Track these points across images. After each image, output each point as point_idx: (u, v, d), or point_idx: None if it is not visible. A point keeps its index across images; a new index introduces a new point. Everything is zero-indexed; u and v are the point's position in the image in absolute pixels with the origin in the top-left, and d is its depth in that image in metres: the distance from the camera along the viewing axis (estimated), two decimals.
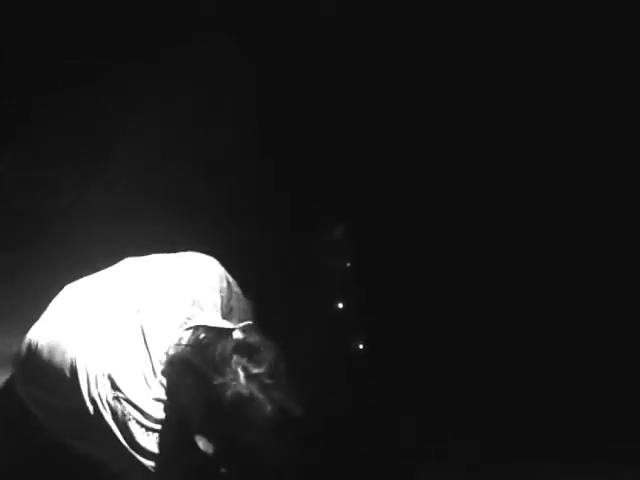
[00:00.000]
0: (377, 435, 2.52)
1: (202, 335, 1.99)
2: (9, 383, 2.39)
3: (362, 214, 2.89)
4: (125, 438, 1.96)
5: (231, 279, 2.25)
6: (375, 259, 2.81)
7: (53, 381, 2.04)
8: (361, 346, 2.61)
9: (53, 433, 2.14)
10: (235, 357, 1.92)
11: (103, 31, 3.05)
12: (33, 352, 2.08)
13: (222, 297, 2.19)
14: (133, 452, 1.96)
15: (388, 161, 2.98)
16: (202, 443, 1.92)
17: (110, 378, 1.98)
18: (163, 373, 1.98)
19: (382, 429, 2.53)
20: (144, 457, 1.96)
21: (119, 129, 3.02)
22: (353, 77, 3.03)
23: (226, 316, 2.16)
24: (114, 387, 1.97)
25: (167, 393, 1.97)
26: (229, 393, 1.88)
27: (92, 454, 2.10)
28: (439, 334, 2.73)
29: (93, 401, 1.97)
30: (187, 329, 2.02)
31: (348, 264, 2.74)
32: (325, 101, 3.04)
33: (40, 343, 2.08)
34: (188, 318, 2.05)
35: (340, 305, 2.66)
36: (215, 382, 1.89)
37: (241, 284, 2.28)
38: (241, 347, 1.94)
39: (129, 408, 1.96)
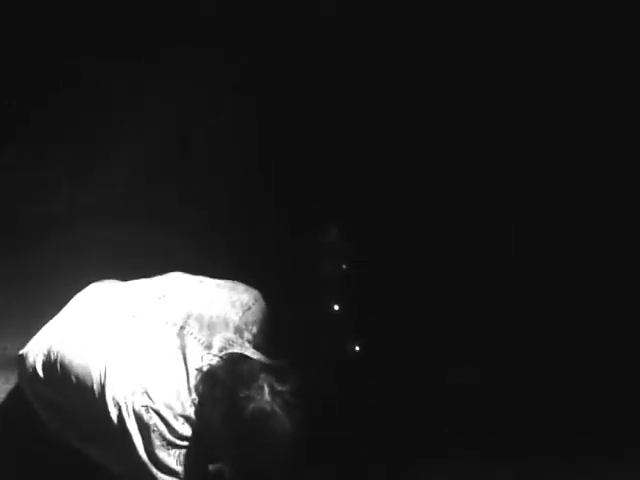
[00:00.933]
0: (376, 434, 2.52)
1: (235, 357, 2.04)
2: (11, 383, 2.40)
3: (359, 215, 2.89)
4: (144, 448, 1.97)
5: (268, 312, 2.28)
6: (371, 260, 2.81)
7: (75, 382, 2.04)
8: (357, 347, 2.62)
9: (56, 434, 2.15)
10: (263, 375, 1.96)
11: (103, 31, 3.06)
12: (55, 352, 2.08)
13: (259, 329, 2.22)
14: (148, 462, 1.97)
15: (384, 162, 2.98)
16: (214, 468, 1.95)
17: (144, 387, 1.99)
18: (196, 389, 2.01)
19: (381, 428, 2.53)
20: (159, 470, 1.98)
21: (118, 129, 3.02)
22: (352, 77, 3.03)
23: (258, 345, 2.19)
24: (147, 397, 1.98)
25: (196, 409, 2.00)
26: (252, 406, 1.92)
27: (95, 456, 2.11)
28: (436, 333, 2.73)
29: (117, 406, 1.98)
30: (226, 355, 2.05)
31: (344, 266, 2.74)
32: (325, 102, 3.03)
33: (65, 344, 2.08)
34: (229, 344, 2.09)
35: (336, 307, 2.67)
36: (241, 394, 1.93)
37: None
38: (269, 367, 1.99)
39: (156, 419, 1.97)
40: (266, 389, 1.93)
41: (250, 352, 2.06)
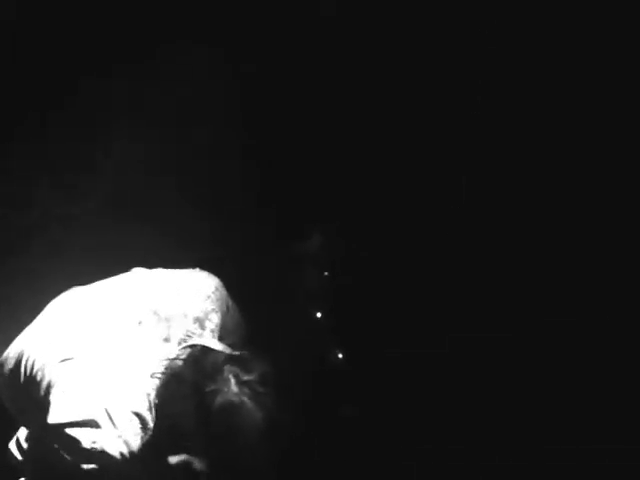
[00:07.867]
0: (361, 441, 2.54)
1: (197, 352, 2.01)
2: None
3: (343, 221, 2.89)
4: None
5: (231, 302, 2.28)
6: (354, 267, 2.81)
7: (37, 381, 2.05)
8: (340, 355, 2.63)
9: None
10: (227, 367, 1.94)
11: (102, 31, 3.08)
12: (26, 357, 2.09)
13: (221, 319, 2.21)
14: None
15: (375, 167, 2.97)
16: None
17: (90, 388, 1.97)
18: (158, 390, 1.98)
19: (366, 435, 2.54)
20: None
21: (104, 141, 3.05)
22: (350, 77, 3.03)
23: (222, 337, 2.18)
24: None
25: (157, 407, 1.97)
26: (220, 399, 1.90)
27: None
28: (423, 339, 2.73)
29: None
30: (185, 347, 2.04)
31: (325, 273, 2.74)
32: (326, 102, 3.04)
33: (35, 348, 2.09)
34: (188, 335, 2.08)
35: (319, 314, 2.67)
36: (207, 389, 1.91)
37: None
38: (233, 358, 1.98)
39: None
40: (232, 380, 1.91)
41: (211, 343, 2.05)
